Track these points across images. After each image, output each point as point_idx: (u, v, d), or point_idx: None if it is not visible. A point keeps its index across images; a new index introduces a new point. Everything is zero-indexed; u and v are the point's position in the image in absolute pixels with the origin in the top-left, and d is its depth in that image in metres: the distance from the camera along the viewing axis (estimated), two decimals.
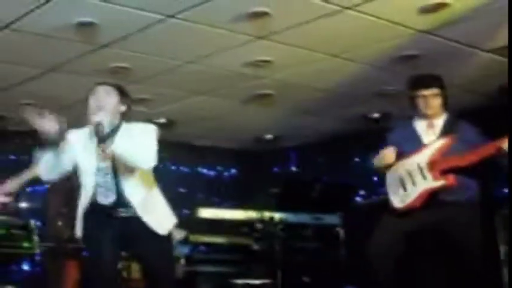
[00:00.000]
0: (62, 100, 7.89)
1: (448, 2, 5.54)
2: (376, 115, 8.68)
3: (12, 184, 5.70)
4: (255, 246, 8.04)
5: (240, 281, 7.49)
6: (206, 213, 7.69)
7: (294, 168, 10.70)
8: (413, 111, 5.56)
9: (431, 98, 5.43)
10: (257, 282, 7.63)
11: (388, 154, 5.40)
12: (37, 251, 7.63)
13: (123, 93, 4.75)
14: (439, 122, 5.47)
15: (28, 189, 9.33)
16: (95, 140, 4.53)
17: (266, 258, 7.97)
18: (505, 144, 5.06)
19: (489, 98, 7.96)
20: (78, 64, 6.70)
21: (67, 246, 7.98)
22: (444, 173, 5.26)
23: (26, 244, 7.58)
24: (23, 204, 8.94)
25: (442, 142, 5.34)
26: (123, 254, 7.71)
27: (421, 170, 5.31)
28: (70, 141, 4.54)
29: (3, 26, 5.71)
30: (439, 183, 5.26)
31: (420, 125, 5.51)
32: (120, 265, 7.61)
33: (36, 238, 7.61)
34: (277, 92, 7.88)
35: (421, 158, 5.34)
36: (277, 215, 8.19)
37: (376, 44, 6.43)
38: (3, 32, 5.84)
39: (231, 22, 5.75)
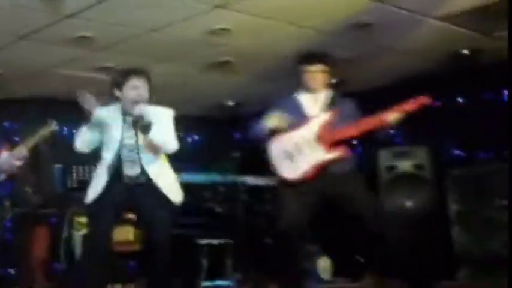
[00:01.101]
0: (29, 68, 8.02)
1: None
2: (332, 81, 8.86)
3: (23, 149, 5.80)
4: (218, 209, 8.22)
5: (203, 241, 7.64)
6: None
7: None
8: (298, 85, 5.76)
9: (317, 74, 5.69)
10: (219, 241, 7.78)
11: (282, 116, 5.54)
12: (8, 217, 7.74)
13: (150, 81, 5.38)
14: (322, 96, 5.70)
15: None
16: (120, 117, 5.28)
17: (229, 221, 8.17)
18: (391, 117, 5.38)
19: (439, 63, 8.17)
20: (45, 34, 6.76)
21: (37, 211, 8.12)
22: (334, 145, 5.49)
23: None
24: None
25: (327, 115, 5.56)
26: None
27: (309, 142, 5.50)
28: (100, 118, 5.25)
29: None
30: (334, 154, 5.49)
31: (304, 99, 5.72)
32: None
33: (6, 204, 7.72)
34: (237, 60, 7.99)
35: (309, 130, 5.55)
36: (239, 179, 8.39)
37: (331, 13, 6.56)
38: None
39: None
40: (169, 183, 5.37)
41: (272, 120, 5.53)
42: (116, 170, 5.25)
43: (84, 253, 5.78)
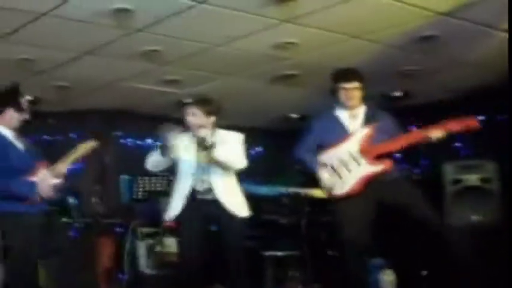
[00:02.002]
0: (95, 82, 8.23)
1: None
2: (397, 94, 8.85)
3: (62, 165, 5.81)
4: (282, 221, 8.26)
5: (268, 253, 7.70)
6: None
7: None
8: (336, 102, 5.91)
9: (352, 91, 5.79)
10: (284, 253, 7.83)
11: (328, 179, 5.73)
12: (75, 226, 7.88)
13: (209, 106, 5.91)
14: (360, 112, 5.81)
15: None
16: (193, 143, 5.81)
17: (293, 233, 8.21)
18: (433, 134, 5.46)
19: (505, 76, 8.06)
20: (112, 48, 6.93)
21: (102, 221, 8.25)
22: (377, 158, 5.58)
23: (64, 219, 7.85)
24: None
25: (367, 130, 5.67)
26: (155, 229, 8.01)
27: (354, 157, 5.62)
28: (174, 144, 5.73)
29: (43, 13, 5.94)
30: (378, 167, 5.59)
31: (343, 115, 5.84)
32: (152, 240, 7.91)
33: (73, 214, 7.87)
34: (303, 73, 8.07)
35: (351, 145, 5.68)
36: (303, 191, 8.42)
37: (396, 26, 6.57)
38: (42, 19, 6.07)
39: (258, 7, 5.95)
40: (233, 199, 5.85)
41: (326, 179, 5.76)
42: (190, 189, 5.79)
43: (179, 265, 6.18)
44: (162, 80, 8.14)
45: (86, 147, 5.97)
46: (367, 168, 5.60)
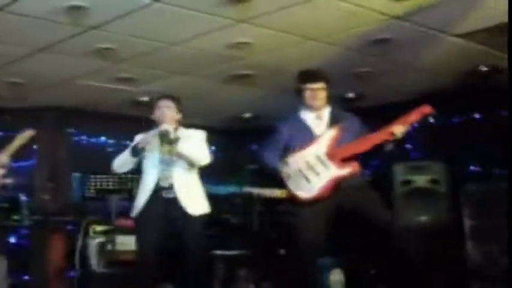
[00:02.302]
0: (49, 79, 8.20)
1: None
2: (351, 95, 8.94)
3: (2, 156, 5.90)
4: (234, 220, 8.30)
5: (219, 252, 7.74)
6: None
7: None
8: (300, 103, 5.91)
9: (318, 91, 5.80)
10: (234, 253, 7.89)
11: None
12: (26, 223, 7.85)
13: (179, 104, 6.08)
14: (325, 113, 5.82)
15: (14, 165, 9.60)
16: (158, 140, 5.85)
17: (244, 232, 8.25)
18: (396, 129, 5.50)
19: (456, 80, 8.26)
20: (67, 45, 6.90)
21: (53, 219, 8.22)
22: (344, 161, 5.59)
23: (14, 217, 7.82)
24: (9, 180, 9.15)
25: (333, 132, 5.67)
26: (108, 227, 8.01)
27: (321, 160, 5.61)
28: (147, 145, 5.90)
29: None
30: (345, 171, 5.60)
31: (309, 117, 5.85)
32: (103, 238, 7.90)
33: (25, 211, 7.84)
34: (257, 73, 8.13)
35: (318, 149, 5.65)
36: (254, 191, 8.47)
37: (351, 28, 6.64)
38: None
39: (213, 6, 5.96)
40: (193, 197, 5.96)
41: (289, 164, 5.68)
42: (155, 185, 5.87)
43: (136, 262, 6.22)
44: (116, 78, 8.12)
45: (25, 136, 6.00)
46: (334, 172, 5.59)
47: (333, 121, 5.78)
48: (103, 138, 10.22)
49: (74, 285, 7.70)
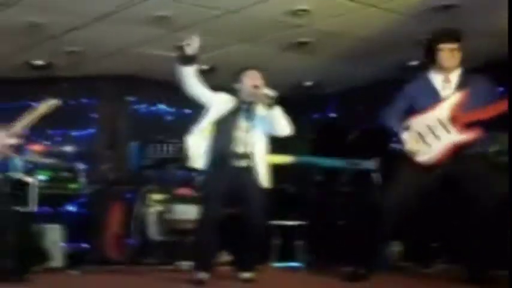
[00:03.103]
0: (107, 47, 8.33)
1: None
2: (413, 63, 8.82)
3: (18, 125, 5.80)
4: (291, 190, 8.30)
5: (275, 222, 7.71)
6: None
7: (333, 115, 10.88)
8: (430, 64, 5.72)
9: (453, 52, 5.61)
10: (291, 223, 7.90)
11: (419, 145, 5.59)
12: (84, 192, 7.95)
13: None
14: (455, 76, 5.63)
15: (73, 134, 9.74)
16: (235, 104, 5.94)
17: (301, 202, 8.24)
18: None
19: None
20: (124, 14, 7.01)
21: (112, 187, 8.32)
22: (467, 126, 5.44)
23: (72, 186, 7.92)
24: (68, 148, 9.28)
25: (459, 96, 5.50)
26: (166, 196, 8.05)
27: (443, 124, 5.50)
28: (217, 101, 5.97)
29: None
30: (466, 136, 5.44)
31: (437, 79, 5.67)
32: (161, 207, 7.95)
33: (82, 180, 7.93)
34: (317, 40, 8.10)
35: (441, 112, 5.53)
36: (313, 160, 8.44)
37: None
38: None
39: None
40: (263, 167, 5.96)
41: (411, 144, 5.62)
42: (228, 151, 5.87)
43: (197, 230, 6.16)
44: (174, 46, 8.14)
45: (47, 106, 5.98)
46: (456, 136, 5.48)
47: (462, 84, 5.61)
48: (162, 107, 10.25)
49: (132, 253, 7.75)
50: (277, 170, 7.90)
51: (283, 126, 5.95)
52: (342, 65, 8.84)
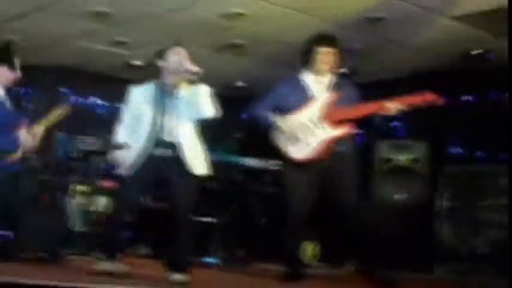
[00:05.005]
0: (45, 38, 8.56)
1: None
2: (343, 70, 9.14)
3: (38, 128, 5.97)
4: (212, 186, 8.40)
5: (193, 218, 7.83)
6: None
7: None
8: (302, 65, 5.98)
9: (328, 55, 5.90)
10: (210, 219, 8.02)
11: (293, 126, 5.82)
12: None
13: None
14: (327, 79, 5.97)
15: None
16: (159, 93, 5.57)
17: (224, 199, 8.39)
18: (392, 105, 5.61)
19: (448, 61, 8.53)
20: (63, 5, 7.23)
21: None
22: (338, 123, 5.76)
23: None
24: None
25: (331, 95, 5.84)
26: (90, 188, 8.18)
27: (316, 121, 5.78)
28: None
29: None
30: (340, 131, 5.75)
31: (309, 79, 5.97)
32: (84, 199, 8.07)
33: None
34: (250, 43, 8.42)
35: (314, 110, 5.82)
36: (237, 159, 8.67)
37: (345, 5, 6.94)
38: None
39: None
40: (195, 155, 5.57)
41: (283, 124, 5.84)
42: (152, 139, 5.52)
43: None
44: (111, 41, 8.38)
45: (62, 112, 6.13)
46: (329, 132, 5.74)
47: (333, 87, 5.91)
48: (93, 99, 10.41)
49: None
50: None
51: (208, 107, 5.50)
52: (272, 67, 9.09)
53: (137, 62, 9.27)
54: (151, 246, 8.03)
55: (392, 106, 5.63)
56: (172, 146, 5.48)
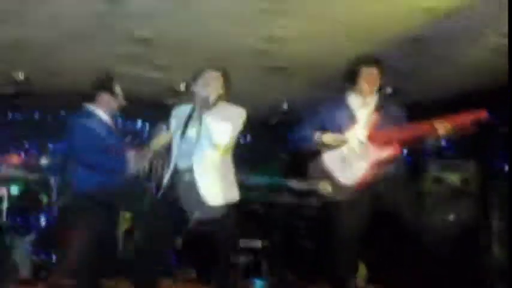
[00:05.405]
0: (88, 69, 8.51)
1: None
2: (388, 91, 9.10)
3: (147, 150, 6.06)
4: (260, 210, 8.51)
5: (242, 241, 7.87)
6: None
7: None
8: (347, 87, 6.01)
9: (373, 76, 5.94)
10: (258, 242, 8.12)
11: (338, 136, 5.82)
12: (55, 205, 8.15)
13: (227, 78, 5.82)
14: (372, 100, 5.96)
15: (49, 146, 9.95)
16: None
17: (269, 222, 8.47)
18: (442, 126, 5.52)
19: (494, 79, 8.28)
20: (104, 33, 7.37)
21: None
22: (384, 145, 5.73)
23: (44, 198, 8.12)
24: (44, 161, 9.48)
25: (376, 116, 5.84)
26: None
27: (362, 143, 5.78)
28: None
29: None
30: (385, 153, 5.72)
31: (354, 101, 5.98)
32: None
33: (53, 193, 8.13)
34: (291, 66, 8.41)
35: (359, 131, 5.82)
36: (283, 181, 8.65)
37: (386, 26, 6.88)
38: None
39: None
40: (211, 183, 5.53)
41: (328, 138, 5.83)
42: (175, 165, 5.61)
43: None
44: (152, 66, 8.45)
45: (166, 136, 6.20)
46: (375, 153, 5.73)
47: (378, 108, 5.92)
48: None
49: None
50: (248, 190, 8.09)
51: (219, 134, 5.49)
52: (317, 90, 9.06)
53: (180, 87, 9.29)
54: (196, 269, 8.03)
55: (441, 127, 5.52)
56: (188, 170, 5.49)
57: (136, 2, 6.48)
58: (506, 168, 8.62)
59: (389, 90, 8.98)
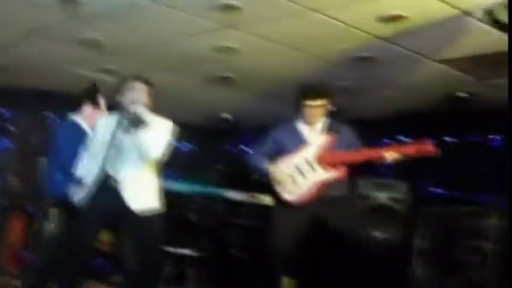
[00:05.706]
0: (36, 63, 8.65)
1: (405, 14, 5.97)
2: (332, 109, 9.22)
3: None
4: (193, 218, 8.55)
5: (169, 249, 7.79)
6: None
7: (245, 148, 11.03)
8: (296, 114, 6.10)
9: (315, 109, 6.00)
10: (187, 251, 8.11)
11: (288, 175, 5.92)
12: None
13: (151, 89, 5.78)
14: (320, 125, 6.11)
15: None
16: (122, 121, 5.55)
17: (200, 231, 8.49)
18: (389, 155, 5.73)
19: (433, 103, 8.62)
20: (54, 31, 7.28)
21: (15, 201, 8.41)
22: (332, 167, 5.88)
23: None
24: None
25: (325, 139, 5.97)
26: None
27: (309, 163, 5.89)
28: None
29: None
30: (331, 174, 5.87)
31: (303, 127, 6.11)
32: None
33: None
34: (239, 77, 8.49)
35: (308, 152, 5.93)
36: (218, 191, 8.71)
37: (336, 44, 6.97)
38: None
39: (204, 10, 6.27)
40: (136, 191, 5.60)
41: (278, 175, 5.92)
42: (102, 172, 5.57)
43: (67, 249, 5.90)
44: (101, 69, 8.40)
45: None
46: (321, 174, 5.85)
47: (328, 131, 6.04)
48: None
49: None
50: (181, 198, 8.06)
51: (153, 147, 5.52)
52: (260, 102, 9.17)
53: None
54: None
55: (389, 156, 5.72)
56: (115, 179, 5.54)
57: (90, 4, 6.46)
58: (435, 191, 8.84)
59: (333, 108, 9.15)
